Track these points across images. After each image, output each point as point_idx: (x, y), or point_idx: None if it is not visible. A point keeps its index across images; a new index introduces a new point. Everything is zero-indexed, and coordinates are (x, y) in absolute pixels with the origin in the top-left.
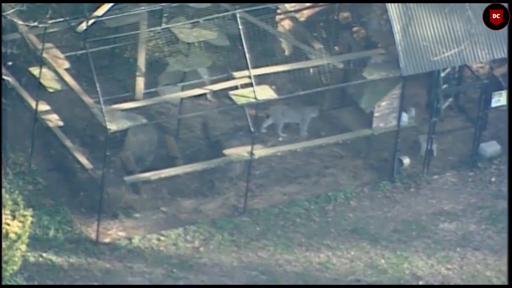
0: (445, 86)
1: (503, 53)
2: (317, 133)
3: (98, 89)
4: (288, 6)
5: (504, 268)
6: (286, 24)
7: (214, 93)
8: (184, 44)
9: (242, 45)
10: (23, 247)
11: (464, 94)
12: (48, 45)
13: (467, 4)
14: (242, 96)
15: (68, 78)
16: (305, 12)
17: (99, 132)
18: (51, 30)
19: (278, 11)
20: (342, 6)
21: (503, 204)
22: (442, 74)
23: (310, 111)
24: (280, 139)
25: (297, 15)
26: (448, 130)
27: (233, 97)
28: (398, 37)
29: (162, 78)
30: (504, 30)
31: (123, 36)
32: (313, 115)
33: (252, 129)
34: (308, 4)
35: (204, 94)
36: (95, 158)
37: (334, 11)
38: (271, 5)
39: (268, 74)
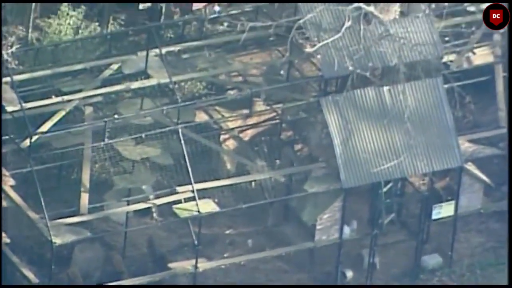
0: (388, 201)
1: (442, 165)
2: (261, 248)
3: (43, 204)
4: (231, 125)
5: None
6: (230, 143)
7: (160, 211)
8: (129, 162)
9: (185, 160)
10: None
11: (406, 210)
12: None
13: (405, 115)
14: (185, 210)
15: (13, 194)
16: (249, 132)
17: (46, 249)
18: None
19: (222, 132)
20: (285, 125)
21: None
22: (384, 189)
23: None
24: (226, 255)
25: (241, 135)
26: (390, 243)
27: (176, 210)
28: (338, 150)
29: (108, 196)
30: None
31: (67, 151)
32: None
33: (196, 242)
34: (251, 123)
35: (150, 212)
36: (42, 275)
37: (277, 130)
38: (214, 125)
39: (211, 188)
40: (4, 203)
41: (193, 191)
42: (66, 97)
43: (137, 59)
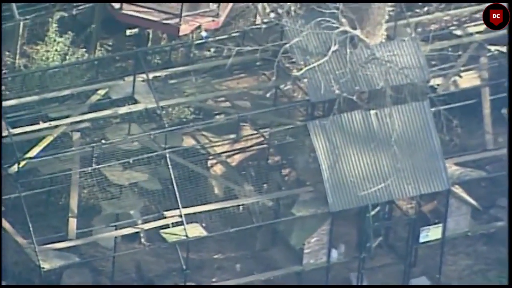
0: (375, 224)
1: (429, 188)
2: (249, 273)
3: (31, 229)
4: (219, 150)
5: None
6: (218, 168)
7: (148, 236)
8: (116, 187)
9: (172, 185)
10: None
11: (394, 233)
12: None
13: (392, 138)
14: (173, 234)
15: (2, 221)
16: (237, 157)
17: (35, 275)
18: None
19: (210, 157)
20: (272, 149)
21: None
22: (372, 213)
23: None
24: (214, 279)
25: (228, 160)
26: (378, 267)
27: (164, 235)
28: (325, 174)
29: (96, 221)
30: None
31: (55, 177)
32: None
33: (184, 267)
34: (239, 148)
35: (138, 238)
36: None
37: (264, 155)
38: (202, 150)
39: (199, 213)
40: None
41: (181, 216)
42: (53, 123)
43: (124, 84)
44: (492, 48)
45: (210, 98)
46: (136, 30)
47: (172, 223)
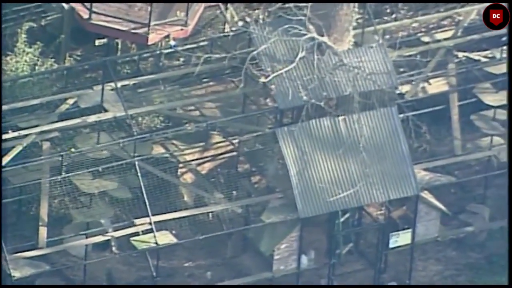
0: (345, 231)
1: (398, 194)
2: (220, 280)
3: (1, 238)
4: (189, 158)
5: None
6: (188, 177)
7: (119, 245)
8: (86, 196)
9: (142, 192)
10: None
11: (363, 240)
12: None
13: (361, 144)
14: (143, 242)
15: None
16: (207, 165)
17: (6, 282)
18: None
19: (180, 165)
20: (242, 157)
21: None
22: (342, 219)
23: None
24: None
25: (198, 168)
26: (348, 273)
27: (134, 242)
28: (294, 180)
29: (67, 230)
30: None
31: (26, 186)
32: None
33: (154, 274)
34: (208, 156)
35: (109, 246)
36: None
37: (234, 163)
38: (172, 158)
39: (169, 221)
40: None
41: (150, 224)
42: (23, 132)
43: (93, 93)
44: (460, 54)
45: (179, 107)
46: (105, 40)
47: (142, 231)
